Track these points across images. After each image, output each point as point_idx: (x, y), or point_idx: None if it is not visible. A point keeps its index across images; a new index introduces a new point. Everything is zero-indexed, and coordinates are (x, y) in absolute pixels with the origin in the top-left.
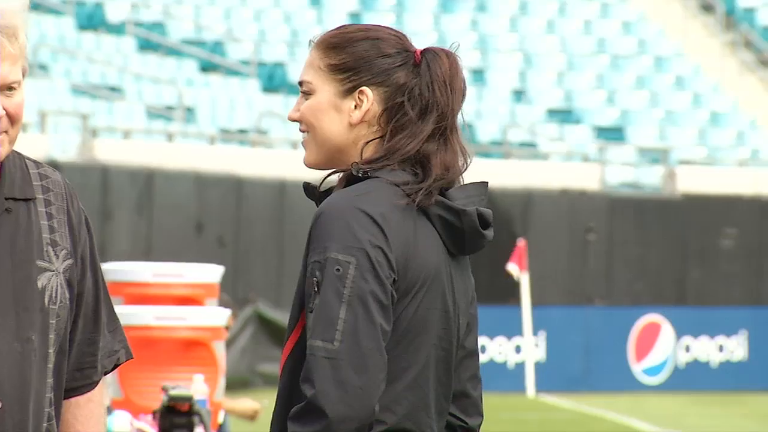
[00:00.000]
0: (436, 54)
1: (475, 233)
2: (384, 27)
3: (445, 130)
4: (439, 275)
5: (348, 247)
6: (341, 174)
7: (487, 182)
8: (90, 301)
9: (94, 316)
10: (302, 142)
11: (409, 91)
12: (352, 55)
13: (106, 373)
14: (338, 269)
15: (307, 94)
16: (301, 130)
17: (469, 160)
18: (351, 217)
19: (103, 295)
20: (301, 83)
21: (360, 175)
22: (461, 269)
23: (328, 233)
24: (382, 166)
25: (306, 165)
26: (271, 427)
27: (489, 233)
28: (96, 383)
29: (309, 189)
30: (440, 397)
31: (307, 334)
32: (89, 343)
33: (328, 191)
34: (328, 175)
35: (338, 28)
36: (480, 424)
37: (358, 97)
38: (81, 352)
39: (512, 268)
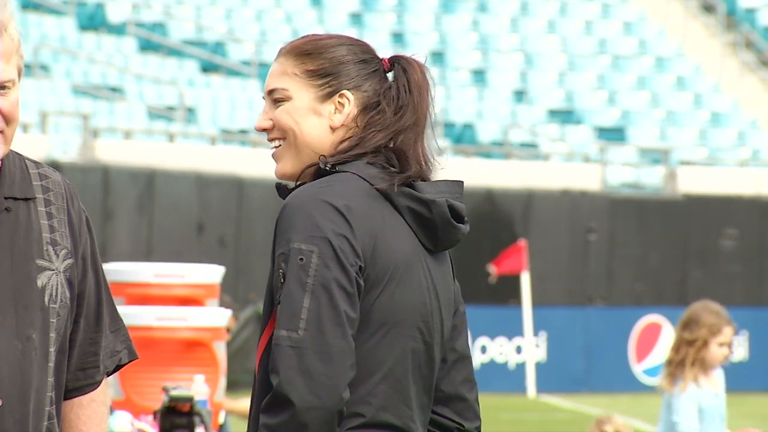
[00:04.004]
0: (408, 62)
1: (447, 225)
2: (348, 35)
3: (420, 131)
4: (413, 267)
5: (310, 236)
6: (309, 169)
7: (462, 181)
8: (92, 301)
9: (96, 316)
10: (274, 154)
11: (384, 93)
12: (331, 60)
13: (108, 374)
14: (301, 259)
15: (280, 101)
16: (272, 139)
17: (435, 165)
18: (313, 208)
19: (105, 296)
20: (271, 92)
21: (327, 168)
22: (440, 266)
23: (291, 225)
24: (351, 157)
25: (279, 176)
26: (248, 427)
27: (464, 227)
28: (99, 383)
29: (281, 189)
30: (421, 390)
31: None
32: (91, 343)
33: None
34: (303, 171)
35: (306, 36)
36: (478, 427)
37: (338, 101)
38: (83, 352)
39: (492, 268)
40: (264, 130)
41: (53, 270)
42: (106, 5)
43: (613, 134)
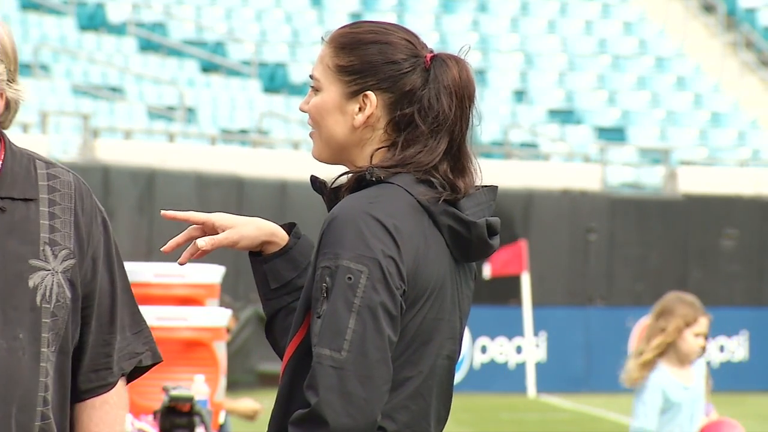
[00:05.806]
0: (443, 61)
1: (482, 243)
2: (396, 29)
3: (456, 144)
4: (446, 285)
5: (360, 256)
6: (351, 174)
7: (496, 186)
8: (104, 302)
9: (110, 317)
10: (310, 134)
11: (419, 101)
12: (360, 58)
13: (125, 375)
14: (350, 278)
15: (315, 90)
16: (309, 123)
17: (479, 172)
18: (364, 225)
19: (122, 296)
20: (311, 76)
21: (373, 179)
22: (466, 276)
23: (341, 240)
24: (397, 172)
25: (313, 157)
26: (268, 427)
27: (495, 242)
28: (112, 385)
29: (316, 183)
30: (441, 406)
31: (313, 340)
32: (104, 345)
33: (337, 189)
34: (341, 176)
35: (351, 25)
36: None
37: (362, 101)
38: (95, 354)
39: (485, 269)
40: (303, 111)
41: (49, 270)
42: (106, 5)
43: (613, 134)
